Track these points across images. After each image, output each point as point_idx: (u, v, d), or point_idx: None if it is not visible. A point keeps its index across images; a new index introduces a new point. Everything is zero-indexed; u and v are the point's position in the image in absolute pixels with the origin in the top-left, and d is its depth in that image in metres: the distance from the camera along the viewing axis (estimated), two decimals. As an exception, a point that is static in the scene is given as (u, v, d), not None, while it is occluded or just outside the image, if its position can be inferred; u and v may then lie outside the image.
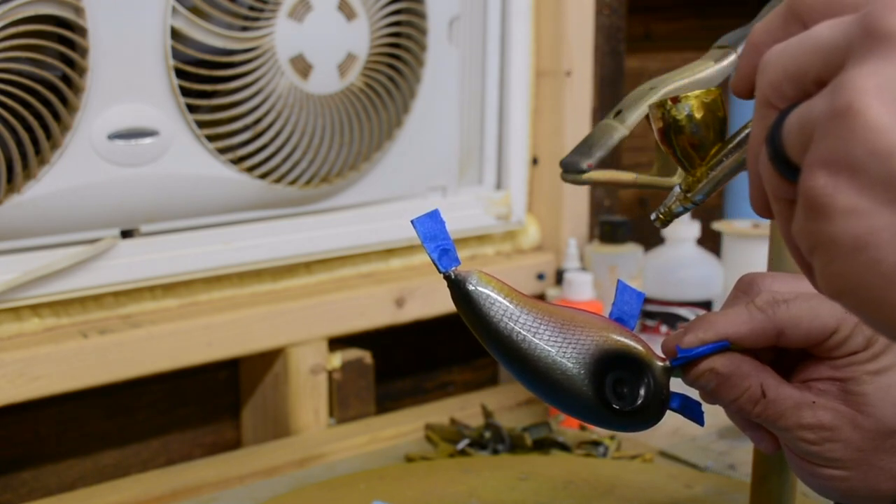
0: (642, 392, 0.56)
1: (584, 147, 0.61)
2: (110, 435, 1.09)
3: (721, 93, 0.56)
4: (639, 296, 0.59)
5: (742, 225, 1.26)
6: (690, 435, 1.06)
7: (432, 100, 1.15)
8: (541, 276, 1.28)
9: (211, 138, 1.01)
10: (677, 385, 0.57)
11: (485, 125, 1.24)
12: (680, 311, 1.18)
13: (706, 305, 1.19)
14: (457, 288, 0.55)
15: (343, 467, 1.02)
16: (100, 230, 0.98)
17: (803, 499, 0.78)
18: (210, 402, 1.16)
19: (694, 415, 0.59)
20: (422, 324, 1.20)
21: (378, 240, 1.16)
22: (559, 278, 1.21)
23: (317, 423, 1.12)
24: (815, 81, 0.39)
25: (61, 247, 0.96)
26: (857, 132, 0.35)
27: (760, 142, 0.41)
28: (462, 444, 1.03)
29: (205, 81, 0.99)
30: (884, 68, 0.36)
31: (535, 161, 1.30)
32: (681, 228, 1.20)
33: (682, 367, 0.56)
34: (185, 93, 0.98)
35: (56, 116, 0.92)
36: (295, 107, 1.04)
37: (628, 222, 1.21)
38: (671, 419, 0.60)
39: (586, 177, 0.60)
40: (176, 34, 0.96)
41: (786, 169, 0.39)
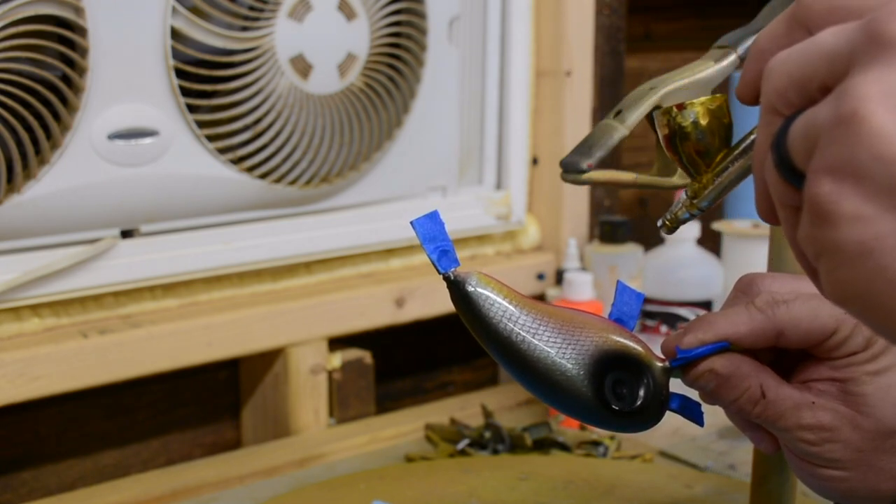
0: (642, 393, 0.56)
1: (584, 147, 0.61)
2: (110, 435, 1.09)
3: (726, 99, 0.56)
4: (638, 296, 0.59)
5: (742, 225, 1.26)
6: (690, 435, 1.06)
7: (432, 100, 1.15)
8: (541, 277, 1.28)
9: (211, 138, 1.01)
10: (677, 385, 0.57)
11: (485, 125, 1.24)
12: (680, 311, 1.18)
13: (706, 305, 1.19)
14: (456, 289, 0.55)
15: (343, 467, 1.02)
16: (100, 230, 0.98)
17: (803, 499, 0.78)
18: (210, 402, 1.16)
19: (693, 415, 0.59)
20: (422, 324, 1.20)
21: (378, 240, 1.16)
22: (559, 278, 1.21)
23: (317, 423, 1.12)
24: (819, 88, 0.39)
25: (61, 247, 0.96)
26: (861, 138, 0.35)
27: (766, 148, 0.41)
28: (462, 444, 1.03)
29: (205, 81, 0.99)
30: (888, 75, 0.36)
31: (535, 161, 1.30)
32: (681, 228, 1.20)
33: (682, 367, 0.56)
34: (185, 93, 0.98)
35: (56, 116, 0.92)
36: (295, 107, 1.04)
37: (628, 222, 1.21)
38: (671, 419, 0.60)
39: (586, 177, 0.60)
40: (176, 34, 0.96)
41: (791, 175, 0.39)
